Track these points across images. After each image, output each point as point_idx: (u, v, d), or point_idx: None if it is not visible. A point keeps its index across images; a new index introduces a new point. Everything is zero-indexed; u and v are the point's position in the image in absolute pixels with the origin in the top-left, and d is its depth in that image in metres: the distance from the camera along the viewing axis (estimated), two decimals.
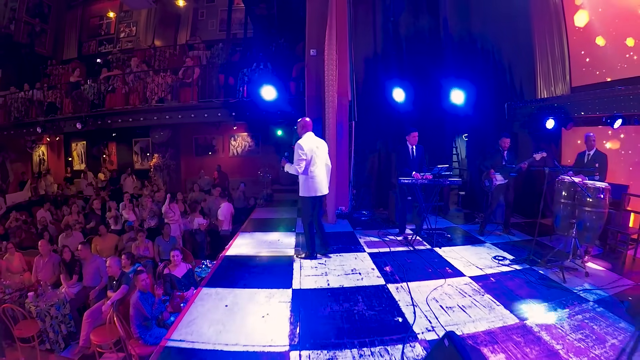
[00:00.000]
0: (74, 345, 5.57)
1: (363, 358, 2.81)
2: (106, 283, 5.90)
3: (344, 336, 3.12)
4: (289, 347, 2.96)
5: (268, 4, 10.59)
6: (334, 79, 6.89)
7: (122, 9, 14.63)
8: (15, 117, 10.96)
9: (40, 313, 5.33)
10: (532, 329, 3.24)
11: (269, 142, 12.72)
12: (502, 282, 4.29)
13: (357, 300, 3.77)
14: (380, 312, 3.52)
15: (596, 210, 4.67)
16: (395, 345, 2.96)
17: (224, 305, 3.72)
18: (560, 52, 7.53)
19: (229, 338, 3.12)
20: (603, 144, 6.68)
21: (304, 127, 4.90)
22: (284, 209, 8.66)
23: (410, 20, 8.48)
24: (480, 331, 3.19)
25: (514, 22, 8.06)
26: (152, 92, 9.16)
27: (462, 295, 3.94)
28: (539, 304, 3.75)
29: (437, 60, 8.14)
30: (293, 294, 3.96)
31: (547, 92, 7.81)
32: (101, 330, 5.01)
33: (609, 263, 5.07)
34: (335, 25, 7.06)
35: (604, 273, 4.69)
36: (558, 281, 4.33)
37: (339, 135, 7.05)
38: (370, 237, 6.15)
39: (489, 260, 5.05)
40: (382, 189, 8.20)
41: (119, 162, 14.66)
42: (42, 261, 6.34)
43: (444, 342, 2.32)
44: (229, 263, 5.09)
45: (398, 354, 2.85)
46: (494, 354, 2.88)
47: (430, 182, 5.54)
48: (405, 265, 4.78)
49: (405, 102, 7.44)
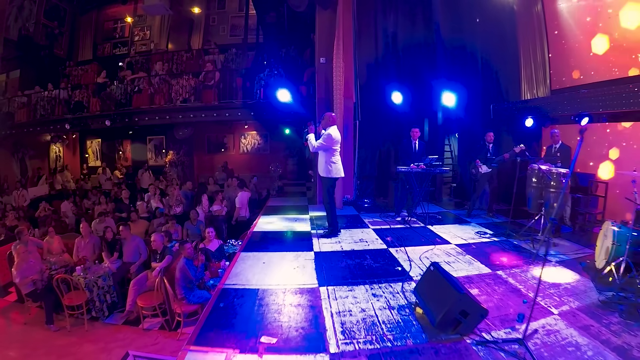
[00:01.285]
0: (116, 313, 6.48)
1: (373, 289, 3.85)
2: (145, 259, 6.88)
3: (357, 278, 4.17)
4: (317, 284, 3.99)
5: (278, 13, 11.54)
6: (341, 83, 7.90)
7: (136, 13, 15.45)
8: (41, 115, 11.86)
9: (89, 284, 6.19)
10: (501, 276, 4.26)
11: (277, 140, 13.67)
12: (481, 248, 5.33)
13: (365, 258, 4.81)
14: (383, 265, 4.56)
15: (558, 191, 5.69)
16: (397, 283, 4.00)
17: (261, 262, 4.74)
18: (541, 58, 8.45)
19: (271, 281, 4.13)
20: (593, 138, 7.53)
21: (330, 120, 5.75)
22: (295, 198, 9.66)
23: (407, 30, 9.43)
24: (460, 276, 4.19)
25: (502, 31, 9.01)
26: (177, 93, 10.17)
27: (447, 255, 4.98)
28: (510, 261, 4.76)
29: (430, 66, 9.07)
30: (315, 255, 5.00)
31: (530, 95, 8.78)
32: (147, 295, 5.96)
33: (577, 238, 6.02)
34: (342, 36, 8.07)
35: (570, 245, 5.67)
36: (528, 249, 5.35)
37: (345, 132, 8.03)
38: (373, 218, 7.18)
39: (472, 234, 6.09)
40: (382, 180, 9.19)
41: (133, 159, 15.55)
42: (84, 242, 7.26)
43: (430, 269, 3.33)
44: (258, 235, 6.10)
45: (399, 287, 3.88)
46: (470, 288, 3.87)
47: (423, 171, 6.58)
48: (403, 237, 5.82)
49: (403, 103, 8.40)
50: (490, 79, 9.39)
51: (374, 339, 2.95)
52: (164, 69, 11.11)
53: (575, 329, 3.16)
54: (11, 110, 12.41)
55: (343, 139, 7.87)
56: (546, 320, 3.32)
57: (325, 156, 5.71)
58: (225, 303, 3.55)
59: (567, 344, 2.97)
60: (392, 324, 3.20)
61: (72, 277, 6.08)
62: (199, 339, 2.94)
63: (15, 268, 6.12)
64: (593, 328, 3.19)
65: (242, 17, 14.41)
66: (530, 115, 7.88)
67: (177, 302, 5.38)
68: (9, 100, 12.59)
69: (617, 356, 2.80)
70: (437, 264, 3.37)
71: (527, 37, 8.74)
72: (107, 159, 15.71)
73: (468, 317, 2.97)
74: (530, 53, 8.68)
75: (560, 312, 3.47)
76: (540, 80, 8.63)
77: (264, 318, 3.29)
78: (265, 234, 6.17)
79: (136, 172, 13.85)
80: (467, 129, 9.35)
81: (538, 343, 2.99)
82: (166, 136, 14.66)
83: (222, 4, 15.13)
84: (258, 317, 3.31)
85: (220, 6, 15.13)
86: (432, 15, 9.56)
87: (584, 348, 2.90)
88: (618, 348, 2.91)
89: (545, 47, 8.39)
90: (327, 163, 5.70)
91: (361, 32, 9.05)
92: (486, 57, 9.41)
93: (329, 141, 5.62)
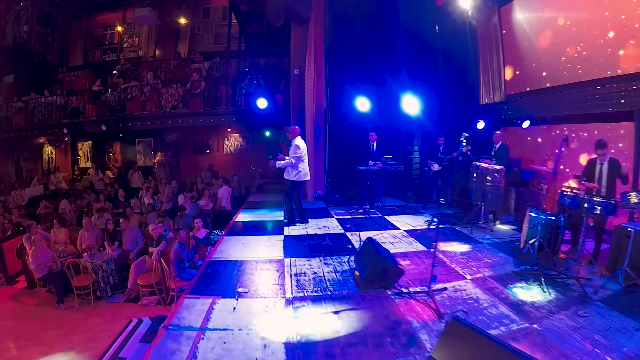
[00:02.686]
0: (117, 294, 7.54)
1: (326, 260, 5.04)
2: (142, 247, 7.93)
3: (315, 252, 5.37)
4: (283, 257, 5.15)
5: (258, 24, 12.57)
6: (312, 92, 9.05)
7: (125, 21, 16.29)
8: (39, 120, 12.74)
9: (95, 267, 7.25)
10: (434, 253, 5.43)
11: (258, 142, 14.69)
12: (425, 233, 6.49)
13: (325, 239, 6.02)
14: (338, 244, 5.77)
15: (493, 185, 6.91)
16: (345, 256, 5.20)
17: (240, 243, 5.90)
18: (497, 65, 9.43)
19: (247, 255, 5.30)
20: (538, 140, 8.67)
21: (294, 133, 6.85)
22: (273, 195, 10.74)
23: (373, 42, 10.60)
24: (398, 252, 5.37)
25: (464, 42, 10.12)
26: (167, 100, 11.22)
27: (393, 237, 6.19)
28: (445, 242, 5.93)
29: (394, 75, 10.15)
30: (284, 237, 6.19)
31: (487, 99, 9.77)
32: (145, 276, 7.03)
33: (515, 226, 7.06)
34: (314, 50, 9.21)
35: (507, 231, 6.80)
36: (467, 233, 6.52)
37: (316, 135, 9.19)
38: (339, 211, 8.37)
39: (421, 222, 7.29)
40: (350, 178, 10.31)
41: (123, 160, 16.41)
42: (87, 234, 8.29)
43: (365, 242, 4.50)
44: (239, 225, 7.24)
45: (346, 259, 5.08)
46: (403, 260, 5.05)
47: (379, 169, 7.76)
48: (360, 224, 7.02)
49: (369, 109, 9.53)
50: (450, 85, 10.61)
51: (318, 290, 4.12)
52: (154, 78, 12.10)
53: (480, 289, 4.25)
54: (9, 115, 13.23)
55: (315, 142, 9.08)
56: (458, 283, 4.46)
57: (292, 164, 6.74)
58: (212, 270, 4.69)
59: (469, 298, 4.07)
60: (334, 281, 4.38)
61: (81, 262, 7.11)
62: (192, 291, 4.08)
63: (32, 255, 7.09)
64: (497, 289, 4.25)
65: (225, 26, 15.36)
66: (482, 118, 9.01)
67: (172, 279, 6.46)
68: (6, 105, 13.39)
69: (509, 309, 3.78)
70: (371, 238, 4.57)
71: (485, 46, 9.78)
72: (97, 160, 16.53)
73: (388, 274, 4.15)
74: (488, 61, 9.70)
75: (473, 278, 4.58)
76: (496, 86, 9.61)
77: (241, 278, 4.44)
78: (245, 223, 7.32)
79: (127, 173, 14.77)
80: (427, 131, 10.52)
81: (445, 296, 4.13)
82: (154, 138, 15.57)
83: (206, 13, 16.12)
84: (236, 278, 4.46)
85: (205, 15, 16.11)
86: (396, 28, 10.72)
87: (482, 302, 3.94)
88: (513, 304, 3.90)
89: (501, 56, 9.34)
90: (294, 169, 6.72)
91: (332, 45, 10.18)
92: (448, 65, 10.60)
93: (297, 151, 6.68)
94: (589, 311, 3.73)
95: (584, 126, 7.36)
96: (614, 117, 6.64)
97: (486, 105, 9.74)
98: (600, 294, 4.14)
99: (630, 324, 3.46)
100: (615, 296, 4.10)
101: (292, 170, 6.80)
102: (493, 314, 3.70)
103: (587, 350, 3.06)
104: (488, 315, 3.67)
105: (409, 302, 3.97)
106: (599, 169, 5.21)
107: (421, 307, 3.81)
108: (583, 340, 3.19)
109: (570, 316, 3.65)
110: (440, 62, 11.02)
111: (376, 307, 3.80)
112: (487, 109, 9.56)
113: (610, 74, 6.35)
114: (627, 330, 3.36)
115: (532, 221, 5.27)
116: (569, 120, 7.66)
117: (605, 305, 3.85)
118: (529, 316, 3.66)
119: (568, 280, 4.50)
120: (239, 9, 11.47)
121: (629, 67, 6.01)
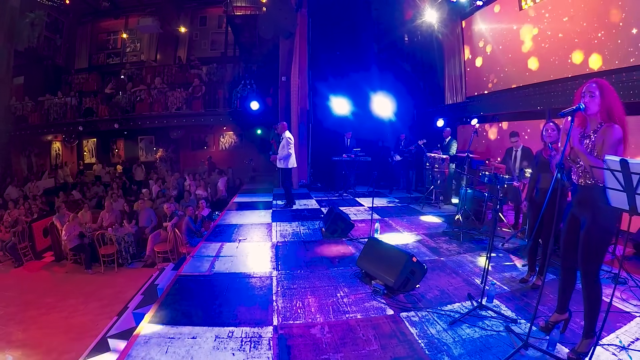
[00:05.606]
0: (135, 262, 9.18)
1: (303, 223, 6.78)
2: (155, 224, 9.57)
3: (295, 219, 7.14)
4: (271, 221, 6.91)
5: (251, 34, 14.20)
6: (297, 96, 10.74)
7: (127, 27, 17.77)
8: (54, 118, 14.26)
9: (118, 239, 8.91)
10: (387, 220, 7.13)
11: (250, 139, 16.32)
12: (384, 209, 8.23)
13: (304, 212, 7.77)
14: (313, 214, 7.53)
15: (440, 170, 8.64)
16: (317, 222, 6.90)
17: (239, 215, 7.61)
18: (459, 71, 10.96)
19: (245, 221, 7.02)
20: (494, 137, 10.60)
21: (283, 127, 8.38)
22: (264, 185, 12.42)
23: (349, 51, 12.24)
24: (357, 219, 7.09)
25: (430, 51, 11.76)
26: (172, 102, 12.89)
27: (357, 211, 7.94)
28: (398, 215, 7.65)
29: (369, 80, 11.66)
30: (273, 211, 7.88)
31: (451, 101, 11.33)
32: (161, 245, 8.68)
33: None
34: (299, 60, 10.91)
35: (451, 208, 8.35)
36: (419, 209, 8.24)
37: (300, 132, 10.89)
38: (319, 195, 10.07)
39: (384, 202, 9.02)
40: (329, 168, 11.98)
41: (126, 156, 17.92)
42: (108, 214, 9.91)
43: (330, 208, 6.23)
44: (235, 204, 8.93)
45: (317, 223, 6.78)
46: (360, 224, 6.75)
47: (350, 159, 9.50)
48: (333, 203, 8.75)
49: (346, 110, 11.19)
50: (417, 88, 12.33)
51: (295, 238, 5.87)
52: (161, 82, 13.76)
53: (412, 240, 5.94)
54: (24, 114, 14.70)
55: (299, 138, 10.77)
56: (395, 235, 6.18)
57: (283, 154, 8.27)
58: (218, 229, 6.42)
59: (401, 244, 5.71)
60: (307, 234, 6.14)
61: (107, 234, 8.73)
62: (207, 239, 5.81)
63: (65, 229, 8.70)
64: (424, 240, 5.91)
65: (221, 34, 17.00)
66: (445, 117, 10.66)
67: (184, 246, 8.13)
68: (22, 105, 14.85)
69: (428, 250, 5.45)
70: (334, 206, 6.32)
71: (450, 55, 11.35)
72: (102, 156, 18.00)
73: (343, 227, 5.88)
74: (452, 67, 11.27)
75: (409, 233, 6.30)
76: (458, 89, 11.29)
77: (239, 233, 6.19)
78: (241, 203, 9.04)
79: (131, 167, 16.31)
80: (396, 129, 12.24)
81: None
82: (155, 136, 17.17)
83: (203, 21, 17.72)
84: (237, 233, 6.21)
85: (202, 23, 17.70)
86: (369, 39, 12.42)
87: (410, 245, 5.62)
88: (432, 248, 5.55)
89: (463, 63, 10.86)
90: (285, 159, 8.23)
91: (314, 54, 11.86)
92: (416, 71, 12.32)
93: (289, 142, 8.26)
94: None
95: (525, 122, 8.86)
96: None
97: (450, 105, 11.40)
98: (505, 246, 5.64)
99: (520, 262, 4.82)
100: (517, 248, 5.55)
101: (285, 160, 8.21)
102: (414, 252, 5.32)
103: (475, 272, 4.52)
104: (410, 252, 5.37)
105: (356, 244, 5.67)
106: (513, 154, 6.77)
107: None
108: (474, 268, 4.71)
109: (472, 256, 5.20)
110: (409, 68, 12.75)
111: (332, 245, 5.55)
112: (451, 109, 11.25)
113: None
114: (515, 266, 4.73)
115: (462, 195, 7.00)
116: (513, 118, 9.28)
117: (505, 252, 5.36)
118: (441, 254, 5.29)
119: (484, 238, 6.03)
120: (234, 22, 13.15)
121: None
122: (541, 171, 4.23)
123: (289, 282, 4.16)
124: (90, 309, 7.17)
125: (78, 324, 6.67)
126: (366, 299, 3.71)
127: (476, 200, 7.16)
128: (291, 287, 3.99)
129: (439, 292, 3.91)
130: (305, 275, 4.36)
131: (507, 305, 3.67)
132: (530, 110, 8.37)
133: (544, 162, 4.09)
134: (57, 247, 9.59)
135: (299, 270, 4.52)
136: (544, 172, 4.15)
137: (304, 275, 4.35)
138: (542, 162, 4.17)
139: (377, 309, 3.53)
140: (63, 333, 6.39)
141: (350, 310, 3.49)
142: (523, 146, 6.70)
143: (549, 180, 3.93)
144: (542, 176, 4.24)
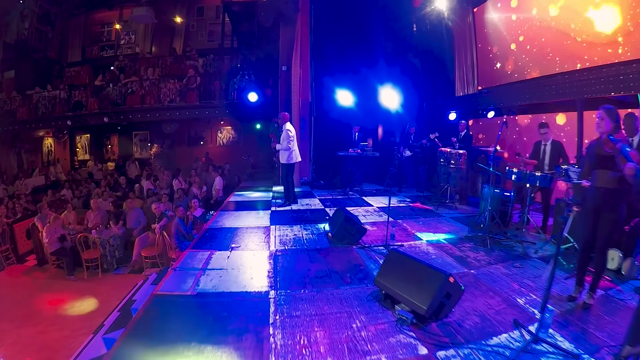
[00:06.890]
0: (122, 267, 8.41)
1: (305, 227, 5.98)
2: (144, 225, 8.79)
3: (296, 222, 6.31)
4: (269, 224, 6.09)
5: (250, 23, 13.41)
6: (298, 87, 9.94)
7: (121, 19, 16.98)
8: (42, 112, 13.50)
9: (103, 242, 8.12)
10: (400, 223, 6.35)
11: (249, 134, 15.54)
12: (396, 209, 7.42)
13: (306, 213, 6.97)
14: (317, 216, 6.70)
15: (456, 167, 7.84)
16: (322, 224, 6.10)
17: (234, 216, 6.81)
18: (471, 61, 10.32)
19: (239, 223, 6.21)
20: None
21: (284, 118, 7.66)
22: (263, 181, 11.65)
23: (355, 42, 11.50)
24: (368, 222, 6.31)
25: (440, 40, 11.03)
26: (165, 95, 12.07)
27: (366, 212, 7.14)
28: (412, 217, 6.85)
29: (375, 71, 10.96)
30: (271, 212, 7.09)
31: (462, 92, 10.70)
32: (149, 249, 7.90)
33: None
34: (300, 48, 10.09)
35: (469, 208, 7.65)
36: (433, 210, 7.45)
37: (302, 126, 10.09)
38: (322, 193, 9.29)
39: (395, 202, 8.21)
40: (334, 165, 11.24)
41: (120, 152, 17.19)
42: (93, 214, 9.14)
43: (336, 209, 5.43)
44: (232, 203, 8.15)
45: (322, 226, 5.98)
46: (371, 227, 5.96)
47: (357, 155, 8.69)
48: (339, 202, 7.96)
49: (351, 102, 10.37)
50: (427, 80, 11.53)
51: (297, 245, 5.06)
52: (154, 73, 12.94)
53: (432, 247, 5.14)
54: (12, 109, 13.94)
55: (301, 132, 9.97)
56: (415, 242, 5.40)
57: (285, 148, 7.54)
58: (209, 234, 5.62)
59: (421, 251, 4.96)
60: (310, 240, 5.32)
61: (90, 236, 7.96)
62: (194, 247, 4.99)
63: (46, 231, 7.93)
64: (446, 247, 5.13)
65: (218, 24, 16.22)
66: (456, 110, 9.93)
67: (173, 250, 7.34)
68: (10, 99, 14.10)
69: (453, 260, 4.65)
70: (341, 207, 5.50)
71: (460, 44, 10.69)
72: (95, 152, 17.27)
73: (353, 232, 5.08)
74: (463, 58, 10.62)
75: (428, 240, 5.51)
76: (470, 81, 10.62)
77: (233, 239, 5.38)
78: (237, 202, 8.24)
79: (124, 164, 15.56)
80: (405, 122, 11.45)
81: (401, 250, 5.05)
82: (150, 131, 16.41)
83: (200, 12, 16.89)
84: (229, 238, 5.41)
85: (199, 14, 16.87)
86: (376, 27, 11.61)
87: (432, 254, 4.84)
88: (457, 257, 4.76)
89: (475, 52, 10.21)
90: (287, 152, 7.52)
91: (317, 43, 11.06)
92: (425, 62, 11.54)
93: (289, 135, 7.53)
94: (525, 264, 4.48)
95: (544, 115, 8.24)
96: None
97: (461, 97, 10.68)
98: (539, 254, 4.88)
99: (560, 274, 4.11)
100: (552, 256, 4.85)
101: (285, 153, 7.53)
102: (438, 262, 4.54)
103: (514, 289, 3.78)
104: (434, 263, 4.55)
105: (370, 253, 4.88)
106: (542, 149, 6.00)
107: (379, 257, 4.73)
108: (512, 282, 3.94)
109: (506, 267, 4.44)
110: (418, 58, 11.93)
111: (342, 255, 4.73)
112: (461, 101, 10.49)
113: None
114: (556, 278, 3.93)
115: (485, 195, 6.18)
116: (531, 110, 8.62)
117: (541, 261, 4.59)
118: (469, 265, 4.50)
119: (514, 244, 5.27)
120: (231, 10, 12.34)
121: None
122: (597, 167, 3.46)
123: (290, 306, 3.35)
124: (68, 322, 6.41)
125: (53, 340, 5.92)
126: (390, 332, 2.91)
127: (501, 200, 6.36)
128: (293, 315, 3.18)
129: (479, 319, 3.11)
130: (310, 296, 3.56)
131: (561, 333, 2.92)
132: (556, 100, 7.58)
133: (604, 156, 3.34)
134: (40, 251, 8.82)
135: (302, 290, 3.71)
136: (602, 168, 3.39)
137: (309, 297, 3.55)
138: (600, 156, 3.41)
139: (406, 346, 2.73)
140: (36, 352, 5.64)
141: (371, 350, 2.68)
142: (553, 140, 5.98)
143: (607, 178, 3.33)
144: (598, 173, 3.47)
